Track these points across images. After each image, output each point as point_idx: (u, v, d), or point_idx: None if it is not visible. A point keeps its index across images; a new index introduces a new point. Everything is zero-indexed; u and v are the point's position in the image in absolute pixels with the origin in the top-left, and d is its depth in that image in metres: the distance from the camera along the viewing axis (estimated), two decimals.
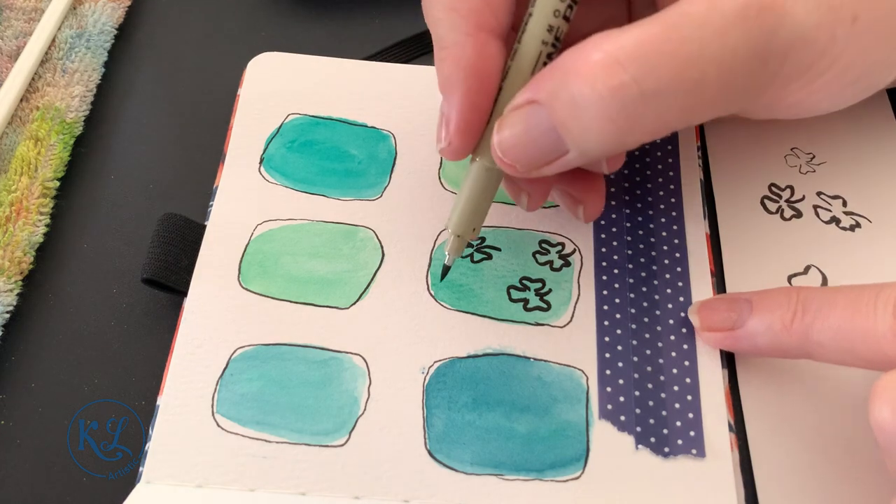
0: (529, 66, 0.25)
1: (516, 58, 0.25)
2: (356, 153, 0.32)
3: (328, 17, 0.38)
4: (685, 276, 0.29)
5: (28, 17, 0.36)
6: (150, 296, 0.29)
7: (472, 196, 0.26)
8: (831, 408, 0.27)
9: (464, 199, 0.26)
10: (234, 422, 0.26)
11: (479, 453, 0.25)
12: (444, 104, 0.25)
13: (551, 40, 0.24)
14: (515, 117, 0.24)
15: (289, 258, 0.29)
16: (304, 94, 0.33)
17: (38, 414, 0.27)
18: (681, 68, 0.22)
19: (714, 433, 0.26)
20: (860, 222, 0.31)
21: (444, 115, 0.25)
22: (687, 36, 0.22)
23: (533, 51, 0.24)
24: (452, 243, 0.27)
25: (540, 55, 0.24)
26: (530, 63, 0.25)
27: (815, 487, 0.25)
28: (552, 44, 0.24)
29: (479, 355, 0.27)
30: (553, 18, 0.24)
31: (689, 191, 0.31)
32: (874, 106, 0.33)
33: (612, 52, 0.22)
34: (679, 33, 0.22)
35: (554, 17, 0.24)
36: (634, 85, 0.21)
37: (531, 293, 0.29)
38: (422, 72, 0.34)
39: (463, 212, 0.26)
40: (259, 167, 0.31)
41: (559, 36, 0.24)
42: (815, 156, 0.33)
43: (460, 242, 0.27)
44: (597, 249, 0.30)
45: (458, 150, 0.25)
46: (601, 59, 0.22)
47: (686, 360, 0.27)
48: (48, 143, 0.32)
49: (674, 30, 0.22)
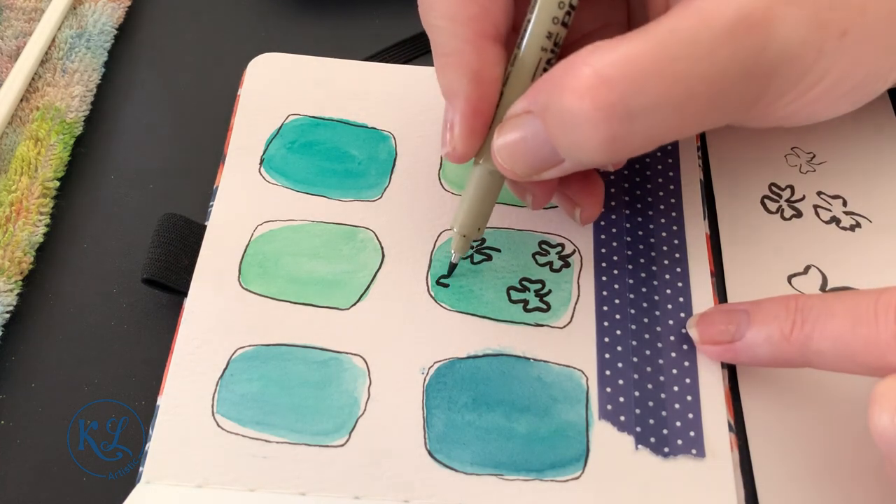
0: (529, 72, 0.25)
1: (516, 64, 0.25)
2: (356, 154, 0.32)
3: (328, 17, 0.38)
4: (685, 277, 0.29)
5: (28, 17, 0.36)
6: (150, 296, 0.29)
7: (477, 197, 0.27)
8: (831, 408, 0.27)
9: (468, 200, 0.27)
10: (234, 422, 0.26)
11: (479, 453, 0.25)
12: (447, 110, 0.25)
13: (550, 46, 0.24)
14: (513, 125, 0.24)
15: (289, 259, 0.29)
16: (305, 94, 0.33)
17: (38, 414, 0.27)
18: (669, 86, 0.22)
19: (714, 433, 0.26)
20: (860, 222, 0.31)
21: (448, 120, 0.25)
22: (676, 54, 0.22)
23: (532, 57, 0.25)
24: (457, 242, 0.27)
25: (539, 62, 0.25)
26: (530, 69, 0.25)
27: (814, 487, 0.25)
28: (551, 49, 0.25)
29: (478, 356, 0.27)
30: (552, 25, 0.24)
31: (688, 191, 0.31)
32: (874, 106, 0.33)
33: (600, 69, 0.22)
34: (668, 51, 0.22)
35: (553, 24, 0.24)
36: (622, 103, 0.22)
37: (531, 294, 0.29)
38: (422, 72, 0.34)
39: (468, 213, 0.27)
40: (259, 168, 0.31)
41: (558, 42, 0.25)
42: (815, 155, 0.33)
43: (465, 242, 0.27)
44: (596, 250, 0.30)
45: (462, 154, 0.25)
46: (589, 76, 0.22)
47: (686, 361, 0.27)
48: (48, 143, 0.32)
49: (663, 47, 0.22)
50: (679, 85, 0.22)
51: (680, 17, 0.22)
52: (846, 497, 0.25)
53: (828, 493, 0.25)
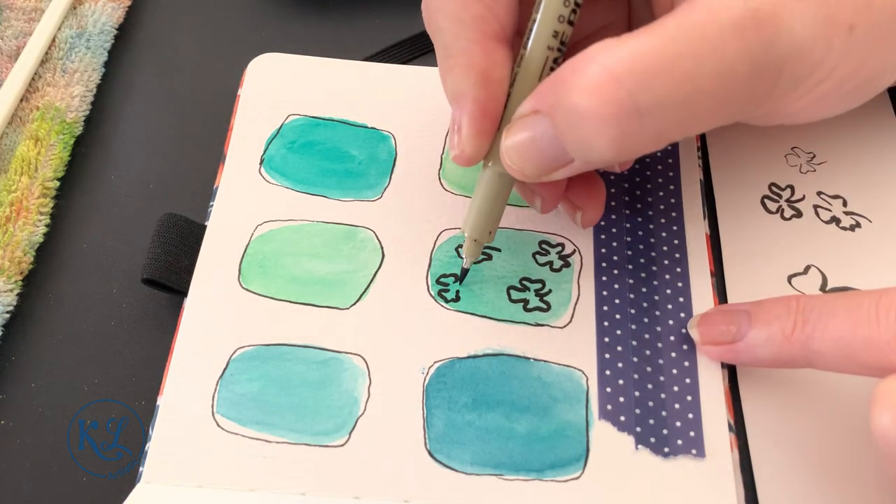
0: (536, 72, 0.25)
1: (523, 64, 0.25)
2: (356, 154, 0.32)
3: (328, 17, 0.38)
4: (685, 277, 0.29)
5: (28, 17, 0.36)
6: (150, 296, 0.29)
7: (487, 200, 0.26)
8: (831, 408, 0.27)
9: (478, 203, 0.26)
10: (234, 422, 0.26)
11: (479, 453, 0.25)
12: (454, 112, 0.25)
13: (557, 45, 0.24)
14: (521, 126, 0.24)
15: (289, 259, 0.29)
16: (305, 94, 0.33)
17: (38, 414, 0.27)
18: (677, 84, 0.22)
19: (714, 433, 0.26)
20: (860, 222, 0.31)
21: (456, 122, 0.25)
22: (684, 50, 0.21)
23: (539, 56, 0.24)
24: (469, 247, 0.27)
25: (546, 60, 0.24)
26: (537, 69, 0.25)
27: (815, 487, 0.25)
28: (558, 48, 0.24)
29: (478, 356, 0.27)
30: (558, 24, 0.24)
31: (689, 191, 0.31)
32: (874, 106, 0.33)
33: (608, 65, 0.21)
34: (676, 47, 0.21)
35: (559, 23, 0.24)
36: (630, 101, 0.21)
37: (531, 293, 0.29)
38: (422, 72, 0.34)
39: (478, 216, 0.26)
40: (259, 168, 0.31)
41: (564, 40, 0.24)
42: (815, 155, 0.33)
43: (476, 246, 0.27)
44: (597, 250, 0.30)
45: (471, 156, 0.25)
46: (598, 73, 0.21)
47: (686, 361, 0.27)
48: (48, 143, 0.32)
49: (671, 43, 0.21)
50: (687, 82, 0.22)
51: (687, 14, 0.22)
52: (846, 497, 0.25)
53: (828, 493, 0.25)
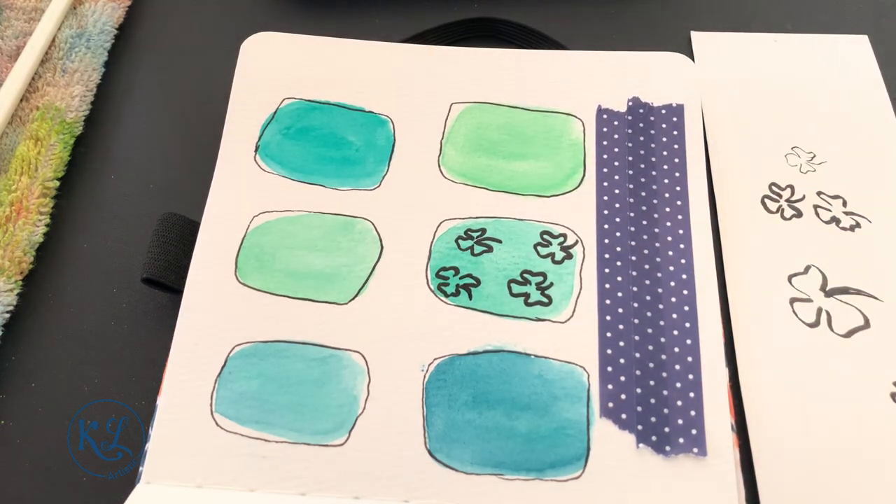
0: None
1: None
2: (354, 140, 0.31)
3: (328, 17, 0.38)
4: (689, 269, 0.29)
5: (28, 17, 0.36)
6: (150, 296, 0.29)
7: None
8: (832, 408, 0.27)
9: None
10: (233, 421, 0.26)
11: (479, 453, 0.25)
12: None
13: None
14: None
15: (286, 252, 0.29)
16: (300, 76, 0.33)
17: (38, 414, 0.27)
18: None
19: (715, 432, 0.26)
20: (860, 222, 0.31)
21: None
22: None
23: None
24: None
25: None
26: None
27: (815, 487, 0.25)
28: None
29: (479, 352, 0.27)
30: None
31: (692, 184, 0.30)
32: (874, 106, 0.33)
33: None
34: None
35: None
36: None
37: (532, 287, 0.28)
38: (423, 52, 0.33)
39: None
40: (254, 155, 0.31)
41: None
42: (815, 155, 0.33)
43: None
44: (599, 241, 0.29)
45: None
46: None
47: (689, 357, 0.27)
48: (48, 142, 0.32)
49: None
50: None
51: None
52: (846, 496, 0.25)
53: (828, 493, 0.25)
